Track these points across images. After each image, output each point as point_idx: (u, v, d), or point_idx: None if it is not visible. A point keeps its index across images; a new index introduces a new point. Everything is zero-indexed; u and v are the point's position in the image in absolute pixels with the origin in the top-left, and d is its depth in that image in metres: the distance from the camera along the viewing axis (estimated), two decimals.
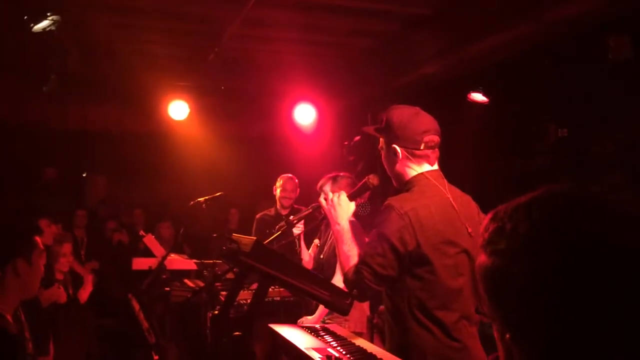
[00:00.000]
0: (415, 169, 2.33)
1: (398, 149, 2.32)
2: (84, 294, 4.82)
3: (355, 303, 2.31)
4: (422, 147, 2.29)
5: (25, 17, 4.36)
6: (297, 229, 3.93)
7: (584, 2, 4.04)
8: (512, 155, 5.78)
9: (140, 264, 5.59)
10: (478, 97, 5.45)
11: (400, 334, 2.27)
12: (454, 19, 5.13)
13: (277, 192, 5.26)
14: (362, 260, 2.22)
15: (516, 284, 0.78)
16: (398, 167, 2.35)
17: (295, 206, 5.32)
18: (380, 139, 2.42)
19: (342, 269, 2.32)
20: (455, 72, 5.54)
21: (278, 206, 5.29)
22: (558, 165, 5.39)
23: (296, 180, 5.29)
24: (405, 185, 2.36)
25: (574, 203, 0.80)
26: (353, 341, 2.55)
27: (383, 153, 2.42)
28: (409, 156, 2.31)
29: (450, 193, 2.33)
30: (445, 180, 2.37)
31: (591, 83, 4.84)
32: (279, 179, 5.29)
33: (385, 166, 2.43)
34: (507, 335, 0.81)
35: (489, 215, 0.86)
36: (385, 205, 2.26)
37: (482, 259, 0.84)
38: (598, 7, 4.04)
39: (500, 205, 0.87)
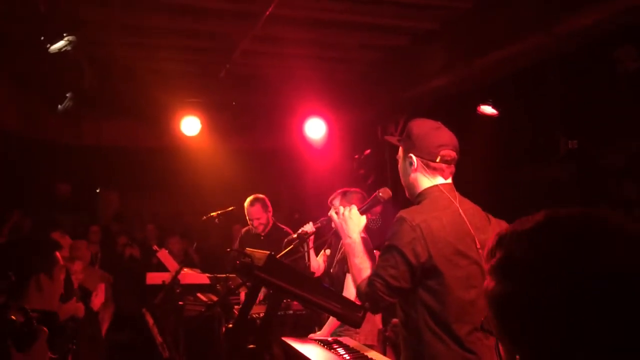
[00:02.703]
0: (429, 180, 2.36)
1: (414, 158, 2.36)
2: (97, 301, 4.78)
3: (367, 315, 2.33)
4: (437, 160, 2.33)
5: (42, 38, 4.45)
6: (308, 227, 3.96)
7: (594, 14, 4.06)
8: (522, 167, 5.77)
9: (154, 278, 5.63)
10: (487, 109, 5.46)
11: (414, 346, 2.28)
12: (463, 32, 5.17)
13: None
14: (374, 273, 2.24)
15: (528, 310, 0.81)
16: (412, 177, 2.39)
17: (279, 225, 5.31)
18: (400, 149, 2.46)
19: (355, 281, 2.34)
20: (465, 85, 5.57)
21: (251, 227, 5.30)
22: (568, 177, 5.38)
23: (258, 204, 5.21)
24: (417, 197, 2.39)
25: (578, 229, 0.82)
26: (366, 354, 2.57)
27: (400, 162, 2.46)
28: (424, 167, 2.35)
29: (461, 205, 2.35)
30: (457, 193, 2.40)
31: (601, 95, 4.85)
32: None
33: (401, 176, 2.47)
34: (517, 357, 0.84)
35: (494, 240, 0.89)
36: (397, 218, 2.28)
37: (491, 283, 0.87)
38: (608, 20, 4.06)
39: (506, 223, 0.89)
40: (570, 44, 4.48)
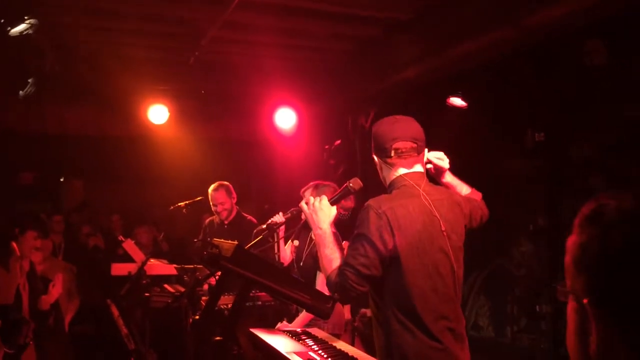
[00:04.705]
0: (394, 173, 2.43)
1: (375, 158, 2.49)
2: (54, 292, 4.58)
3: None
4: (392, 155, 2.40)
5: (2, 21, 4.29)
6: (277, 217, 3.95)
7: (563, 7, 4.09)
8: (490, 158, 5.82)
9: (119, 269, 5.53)
10: (457, 101, 5.48)
11: (383, 335, 2.30)
12: (434, 24, 5.17)
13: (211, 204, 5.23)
14: (345, 262, 2.25)
15: (612, 253, 0.92)
16: (381, 174, 2.51)
17: (243, 214, 5.29)
18: None
19: (325, 272, 2.33)
20: (435, 76, 5.58)
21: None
22: (535, 170, 5.45)
23: (222, 189, 5.20)
24: (388, 189, 2.46)
25: None
26: (334, 344, 2.55)
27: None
28: (384, 164, 2.45)
29: (431, 194, 2.36)
30: (426, 181, 2.42)
31: (569, 88, 4.91)
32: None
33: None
34: (585, 300, 0.93)
35: (589, 204, 1.00)
36: (364, 206, 2.32)
37: (577, 235, 0.97)
38: (576, 13, 4.10)
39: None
40: (539, 36, 4.52)
